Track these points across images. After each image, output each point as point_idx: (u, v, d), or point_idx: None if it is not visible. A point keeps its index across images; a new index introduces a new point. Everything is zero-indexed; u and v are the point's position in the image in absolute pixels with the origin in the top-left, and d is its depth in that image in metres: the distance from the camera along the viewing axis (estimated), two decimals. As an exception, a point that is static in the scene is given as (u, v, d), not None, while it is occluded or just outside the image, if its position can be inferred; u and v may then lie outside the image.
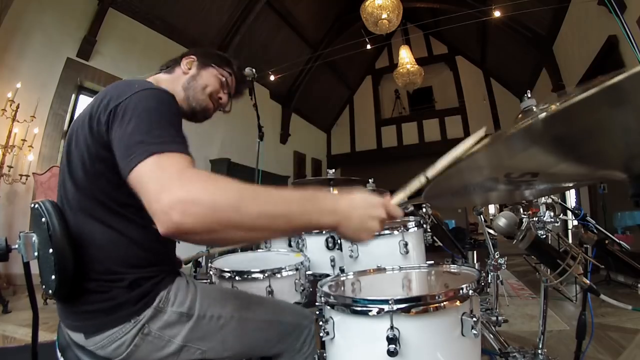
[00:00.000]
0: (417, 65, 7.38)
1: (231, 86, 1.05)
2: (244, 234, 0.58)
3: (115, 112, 0.69)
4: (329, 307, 0.81)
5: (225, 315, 0.83)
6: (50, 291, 0.72)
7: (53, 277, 0.69)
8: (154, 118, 0.67)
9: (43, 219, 0.71)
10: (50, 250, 0.69)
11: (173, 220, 0.53)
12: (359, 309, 0.74)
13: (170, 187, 0.55)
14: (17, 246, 0.75)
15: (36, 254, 0.76)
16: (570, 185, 0.60)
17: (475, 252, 3.16)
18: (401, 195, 0.72)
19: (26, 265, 0.77)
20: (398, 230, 1.30)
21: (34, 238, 0.76)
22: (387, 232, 1.31)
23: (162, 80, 0.97)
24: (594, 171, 0.45)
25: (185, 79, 0.98)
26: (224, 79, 1.02)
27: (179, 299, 0.79)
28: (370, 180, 2.10)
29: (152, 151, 0.60)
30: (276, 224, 0.60)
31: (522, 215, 1.08)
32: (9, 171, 3.49)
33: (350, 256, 1.34)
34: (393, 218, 0.70)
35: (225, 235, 0.57)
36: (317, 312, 0.87)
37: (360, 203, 0.67)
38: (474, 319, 0.72)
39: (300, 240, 1.66)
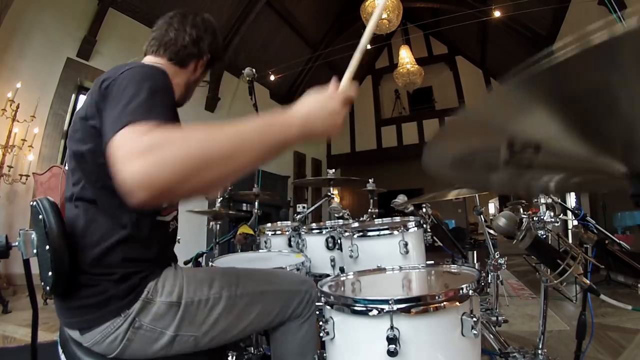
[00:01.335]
0: (417, 65, 7.38)
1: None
2: (215, 171, 0.53)
3: (105, 92, 0.70)
4: (329, 307, 0.81)
5: (214, 296, 0.83)
6: (47, 287, 0.72)
7: (50, 273, 0.70)
8: (134, 90, 0.65)
9: (40, 217, 0.72)
10: (47, 247, 0.70)
11: (140, 200, 0.49)
12: (359, 309, 0.74)
13: (129, 156, 0.51)
14: (17, 243, 0.76)
15: (35, 251, 0.76)
16: (573, 182, 0.60)
17: (475, 252, 3.16)
18: (346, 77, 0.73)
19: (26, 263, 0.77)
20: (398, 230, 1.30)
21: (33, 235, 0.76)
22: (387, 232, 1.32)
23: (171, 72, 0.88)
24: (594, 156, 0.44)
25: (192, 79, 1.00)
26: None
27: (167, 289, 0.79)
28: (370, 180, 2.10)
29: (121, 125, 0.57)
30: (248, 149, 0.56)
31: (522, 215, 1.08)
32: (9, 171, 3.49)
33: (350, 256, 1.34)
34: (351, 101, 0.70)
35: (201, 178, 0.52)
36: (317, 312, 0.87)
37: (314, 106, 0.65)
38: (474, 319, 0.72)
39: (300, 241, 1.66)
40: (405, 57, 7.41)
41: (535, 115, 0.37)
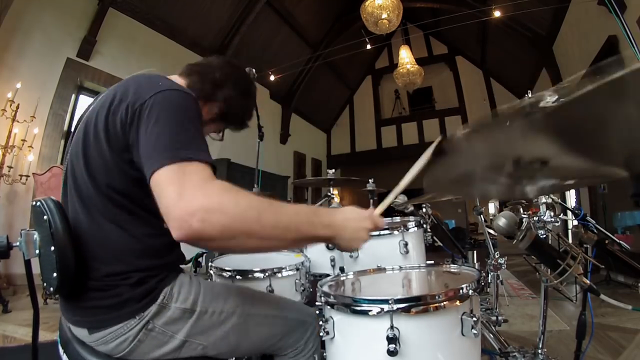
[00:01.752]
0: (417, 65, 7.38)
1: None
2: (259, 242, 0.64)
3: (140, 111, 0.69)
4: (329, 307, 0.81)
5: (227, 310, 0.83)
6: (51, 288, 0.72)
7: (54, 274, 0.69)
8: (180, 121, 0.68)
9: (45, 217, 0.71)
10: (52, 248, 0.69)
11: (193, 227, 0.56)
12: (359, 308, 0.74)
13: (192, 194, 0.58)
14: (18, 244, 0.75)
15: (37, 251, 0.75)
16: (572, 182, 0.60)
17: (475, 252, 3.16)
18: (381, 207, 0.88)
19: (27, 263, 0.77)
20: (398, 230, 1.29)
21: (35, 236, 0.76)
22: (387, 232, 1.31)
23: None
24: (596, 167, 0.44)
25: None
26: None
27: (182, 295, 0.79)
28: (370, 180, 2.10)
29: (178, 157, 0.62)
30: (287, 234, 0.67)
31: (522, 215, 1.08)
32: (9, 171, 3.49)
33: (350, 256, 1.34)
34: (378, 228, 0.83)
35: (241, 243, 0.61)
36: (317, 312, 0.87)
37: (351, 216, 0.78)
38: (474, 318, 0.72)
39: (300, 240, 1.66)
40: (405, 57, 7.42)
41: (537, 143, 0.38)
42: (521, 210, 1.31)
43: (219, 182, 0.62)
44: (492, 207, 9.08)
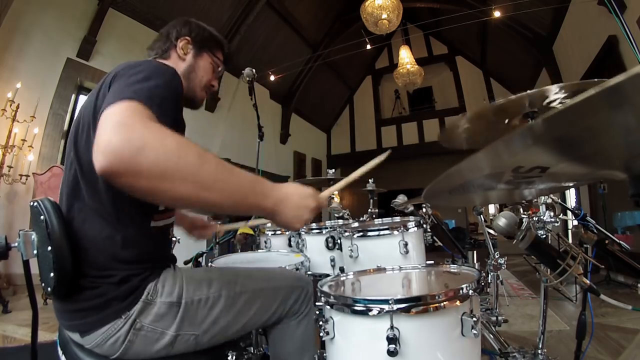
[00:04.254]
0: (417, 65, 7.38)
1: (222, 70, 1.06)
2: (194, 189, 0.58)
3: (114, 79, 0.71)
4: (329, 307, 0.81)
5: (213, 295, 0.83)
6: (49, 289, 0.72)
7: (52, 274, 0.69)
8: (145, 75, 0.68)
9: (42, 217, 0.72)
10: (49, 248, 0.70)
11: (121, 155, 0.53)
12: (359, 308, 0.74)
13: (131, 125, 0.55)
14: (16, 244, 0.75)
15: (35, 252, 0.75)
16: (571, 184, 0.60)
17: (475, 252, 3.16)
18: (328, 192, 0.85)
19: (26, 264, 0.77)
20: (398, 230, 1.30)
21: (34, 236, 0.76)
22: (387, 232, 1.31)
23: None
24: (594, 171, 0.45)
25: (184, 68, 0.97)
26: (218, 67, 1.03)
27: (167, 290, 0.79)
28: (370, 180, 2.10)
29: (124, 97, 0.60)
30: (226, 189, 0.62)
31: (522, 215, 1.08)
32: (9, 171, 3.49)
33: (350, 256, 1.34)
34: (321, 208, 0.78)
35: (174, 186, 0.56)
36: (317, 312, 0.87)
37: (295, 191, 0.73)
38: (474, 319, 0.72)
39: (300, 241, 1.66)
40: (405, 57, 7.42)
41: (531, 151, 0.38)
42: (521, 210, 1.31)
43: (159, 124, 0.58)
44: (492, 207, 9.08)
